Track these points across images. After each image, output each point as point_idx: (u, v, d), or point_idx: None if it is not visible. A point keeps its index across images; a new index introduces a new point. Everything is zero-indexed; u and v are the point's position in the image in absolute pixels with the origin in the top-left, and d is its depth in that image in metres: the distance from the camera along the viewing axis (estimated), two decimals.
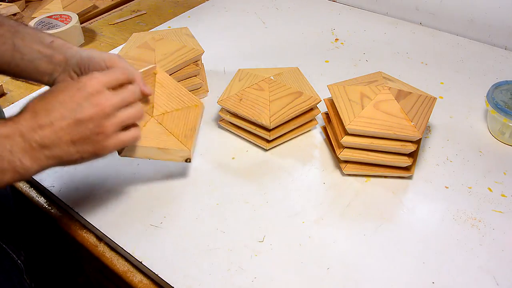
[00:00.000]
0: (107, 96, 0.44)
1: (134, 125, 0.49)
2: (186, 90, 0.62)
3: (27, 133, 0.41)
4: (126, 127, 0.47)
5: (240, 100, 0.64)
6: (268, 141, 0.64)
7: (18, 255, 0.59)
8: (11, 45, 0.51)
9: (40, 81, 0.53)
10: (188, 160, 0.57)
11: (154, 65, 0.60)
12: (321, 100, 0.65)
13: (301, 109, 0.64)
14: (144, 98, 0.55)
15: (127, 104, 0.47)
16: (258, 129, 0.63)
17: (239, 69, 0.71)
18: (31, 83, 0.84)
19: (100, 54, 0.52)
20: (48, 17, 0.92)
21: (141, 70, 0.57)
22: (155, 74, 0.60)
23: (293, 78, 0.67)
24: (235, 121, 0.65)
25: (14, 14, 1.05)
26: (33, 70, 0.52)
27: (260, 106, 0.63)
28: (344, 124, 0.56)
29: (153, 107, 0.57)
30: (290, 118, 0.64)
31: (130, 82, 0.49)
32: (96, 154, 0.45)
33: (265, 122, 0.61)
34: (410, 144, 0.57)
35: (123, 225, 0.55)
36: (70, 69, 0.52)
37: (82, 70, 0.52)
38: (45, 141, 0.42)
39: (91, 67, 0.51)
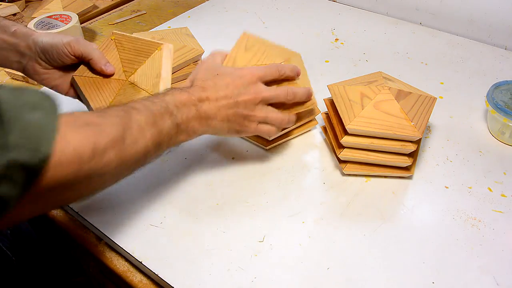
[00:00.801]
0: (261, 88, 0.52)
1: (272, 125, 0.55)
2: (145, 40, 0.62)
3: (198, 103, 0.49)
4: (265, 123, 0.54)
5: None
6: (268, 141, 0.64)
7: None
8: None
9: (11, 68, 0.55)
10: None
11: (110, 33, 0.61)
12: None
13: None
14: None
15: (277, 101, 0.54)
16: None
17: (245, 33, 0.68)
18: (31, 83, 0.84)
19: (61, 40, 0.53)
20: (48, 17, 0.92)
21: (102, 44, 0.60)
22: (113, 39, 0.61)
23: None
24: None
25: (14, 14, 1.05)
26: (2, 60, 0.54)
27: None
28: (344, 124, 0.56)
29: (123, 71, 0.58)
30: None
31: (282, 78, 0.56)
32: (238, 132, 0.53)
33: None
34: (410, 144, 0.57)
35: (123, 225, 0.55)
36: (36, 56, 0.53)
37: (47, 57, 0.53)
38: (209, 113, 0.50)
39: (55, 54, 0.53)
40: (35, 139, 0.31)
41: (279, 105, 0.55)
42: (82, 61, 0.57)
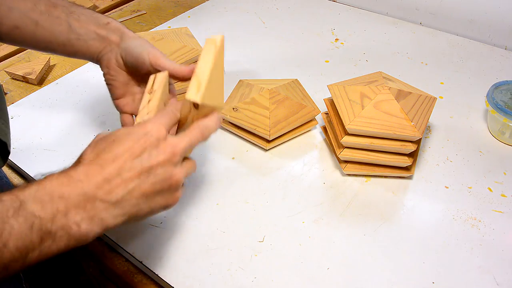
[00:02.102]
0: (175, 142, 0.39)
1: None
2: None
3: (91, 190, 0.35)
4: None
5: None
6: (268, 141, 0.64)
7: None
8: (67, 27, 0.51)
9: (90, 59, 0.54)
10: None
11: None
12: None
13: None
14: None
15: (192, 148, 0.42)
16: (258, 129, 0.63)
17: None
18: (30, 83, 0.84)
19: (146, 48, 0.50)
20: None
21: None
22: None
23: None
24: (235, 121, 0.65)
25: None
26: (86, 50, 0.53)
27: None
28: (344, 124, 0.56)
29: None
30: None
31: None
32: (165, 207, 0.40)
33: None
34: (410, 144, 0.57)
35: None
36: (118, 52, 0.52)
37: (127, 59, 0.51)
38: (114, 198, 0.36)
39: (136, 59, 0.50)
40: None
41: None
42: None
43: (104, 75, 0.54)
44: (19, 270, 0.33)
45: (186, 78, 0.51)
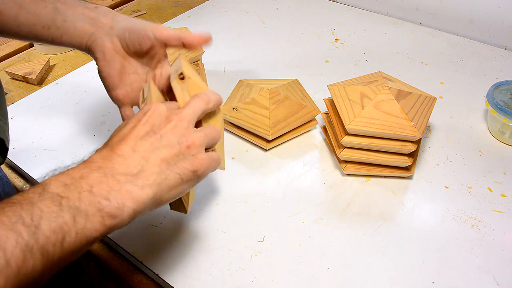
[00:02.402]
0: (177, 111, 0.39)
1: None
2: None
3: (108, 167, 0.34)
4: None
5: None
6: (268, 141, 0.64)
7: None
8: (53, 9, 0.49)
9: (79, 45, 0.50)
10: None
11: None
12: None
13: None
14: None
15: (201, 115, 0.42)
16: (258, 129, 0.63)
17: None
18: (30, 83, 0.84)
19: (147, 25, 0.49)
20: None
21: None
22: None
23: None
24: (235, 121, 0.65)
25: None
26: (74, 32, 0.49)
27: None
28: (344, 124, 0.56)
29: None
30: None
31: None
32: (196, 171, 0.38)
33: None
34: (410, 144, 0.57)
35: None
36: (113, 34, 0.49)
37: (126, 37, 0.49)
38: (132, 169, 0.35)
39: (137, 35, 0.49)
40: None
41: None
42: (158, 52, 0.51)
43: (98, 61, 0.50)
44: (61, 260, 0.32)
45: (195, 46, 0.50)
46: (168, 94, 0.51)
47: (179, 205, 0.46)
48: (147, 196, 0.35)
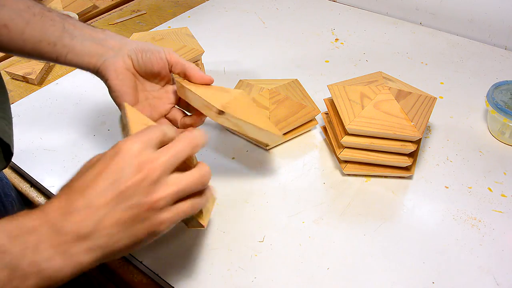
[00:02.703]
0: (152, 156, 0.34)
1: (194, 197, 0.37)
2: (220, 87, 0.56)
3: (57, 222, 0.32)
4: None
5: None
6: None
7: None
8: (61, 27, 0.49)
9: (86, 64, 0.49)
10: (267, 146, 0.54)
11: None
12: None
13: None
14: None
15: (184, 162, 0.37)
16: None
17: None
18: (30, 83, 0.84)
19: (158, 47, 0.50)
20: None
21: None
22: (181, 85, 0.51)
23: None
24: None
25: None
26: (81, 51, 0.49)
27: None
28: (344, 124, 0.56)
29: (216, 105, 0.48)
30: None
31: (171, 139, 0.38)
32: (152, 234, 0.35)
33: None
34: (410, 144, 0.57)
35: None
36: (124, 53, 0.49)
37: (138, 57, 0.49)
38: (82, 229, 0.32)
39: (150, 56, 0.49)
40: None
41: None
42: (169, 73, 0.52)
43: (111, 80, 0.49)
44: None
45: (195, 81, 0.51)
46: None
47: (194, 223, 0.43)
48: (90, 260, 0.33)
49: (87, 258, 0.33)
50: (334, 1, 1.08)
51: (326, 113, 0.66)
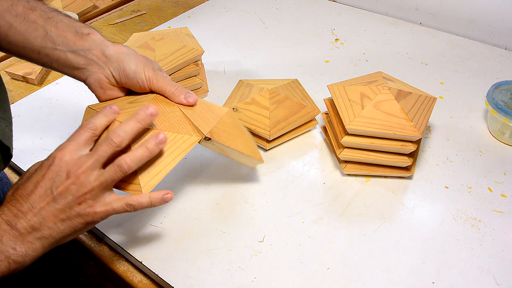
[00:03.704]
0: (79, 162, 0.42)
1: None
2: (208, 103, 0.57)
3: (12, 220, 0.40)
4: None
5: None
6: (268, 141, 0.64)
7: None
8: (43, 32, 0.48)
9: (71, 75, 0.50)
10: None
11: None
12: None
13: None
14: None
15: (108, 157, 0.43)
16: (258, 129, 0.63)
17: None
18: (30, 83, 0.84)
19: (141, 70, 0.49)
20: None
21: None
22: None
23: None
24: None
25: None
26: (64, 62, 0.49)
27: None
28: (344, 124, 0.56)
29: (197, 128, 0.50)
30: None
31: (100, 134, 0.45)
32: (89, 223, 0.43)
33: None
34: (410, 144, 0.57)
35: (123, 225, 0.55)
36: (108, 72, 0.49)
37: (121, 77, 0.49)
38: (32, 224, 0.41)
39: (135, 83, 0.49)
40: None
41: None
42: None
43: (98, 96, 0.51)
44: None
45: (185, 105, 0.51)
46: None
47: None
48: (43, 246, 0.41)
49: (39, 244, 0.41)
50: (334, 1, 1.08)
51: (326, 113, 0.66)
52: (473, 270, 0.50)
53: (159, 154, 0.46)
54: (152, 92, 0.52)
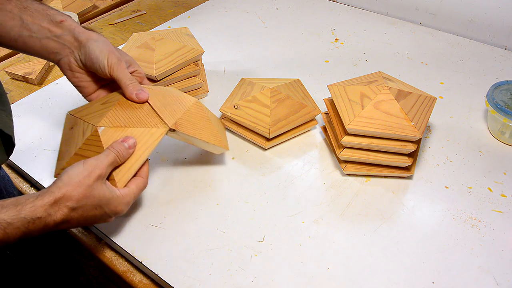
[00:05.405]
0: (107, 197, 0.47)
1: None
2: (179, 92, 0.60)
3: (50, 209, 0.43)
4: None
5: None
6: (268, 140, 0.64)
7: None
8: (19, 21, 0.51)
9: (47, 59, 0.54)
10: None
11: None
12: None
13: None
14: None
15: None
16: (258, 126, 0.63)
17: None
18: (30, 83, 0.84)
19: (105, 55, 0.52)
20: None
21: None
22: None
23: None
24: (235, 119, 0.65)
25: None
26: (40, 48, 0.53)
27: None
28: (344, 124, 0.56)
29: (162, 119, 0.52)
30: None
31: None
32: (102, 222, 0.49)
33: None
34: (410, 144, 0.57)
35: (123, 225, 0.55)
36: (77, 56, 0.53)
37: (88, 63, 0.53)
38: (62, 215, 0.44)
39: (97, 67, 0.52)
40: None
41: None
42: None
43: (68, 78, 0.55)
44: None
45: (134, 100, 0.53)
46: None
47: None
48: (62, 218, 0.44)
49: (60, 216, 0.44)
50: (334, 1, 1.08)
51: (326, 113, 0.66)
52: (473, 270, 0.50)
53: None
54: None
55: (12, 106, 0.76)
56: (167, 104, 0.54)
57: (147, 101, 0.53)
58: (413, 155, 0.60)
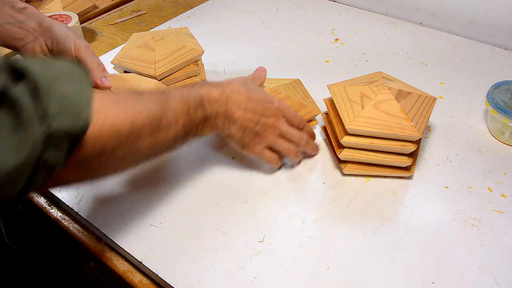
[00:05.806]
0: (282, 122, 0.56)
1: (277, 152, 0.58)
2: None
3: (229, 103, 0.51)
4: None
5: None
6: None
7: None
8: None
9: (10, 46, 0.55)
10: None
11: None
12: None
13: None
14: None
15: (289, 138, 0.57)
16: None
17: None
18: None
19: (72, 39, 0.53)
20: (48, 17, 0.92)
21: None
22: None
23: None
24: None
25: None
26: (2, 34, 0.53)
27: None
28: (344, 124, 0.56)
29: None
30: None
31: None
32: (244, 146, 0.55)
33: None
34: (410, 144, 0.57)
35: (123, 225, 0.55)
36: (42, 40, 0.54)
37: (54, 47, 0.54)
38: (234, 116, 0.52)
39: (63, 49, 0.53)
40: (73, 107, 0.33)
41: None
42: None
43: None
44: (180, 145, 0.49)
45: (99, 87, 0.54)
46: None
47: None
48: (234, 135, 0.55)
49: (224, 130, 0.53)
50: (334, 1, 1.08)
51: (326, 113, 0.66)
52: (473, 270, 0.50)
53: None
54: None
55: None
56: (129, 88, 0.56)
57: (109, 89, 0.54)
58: (413, 155, 0.60)
